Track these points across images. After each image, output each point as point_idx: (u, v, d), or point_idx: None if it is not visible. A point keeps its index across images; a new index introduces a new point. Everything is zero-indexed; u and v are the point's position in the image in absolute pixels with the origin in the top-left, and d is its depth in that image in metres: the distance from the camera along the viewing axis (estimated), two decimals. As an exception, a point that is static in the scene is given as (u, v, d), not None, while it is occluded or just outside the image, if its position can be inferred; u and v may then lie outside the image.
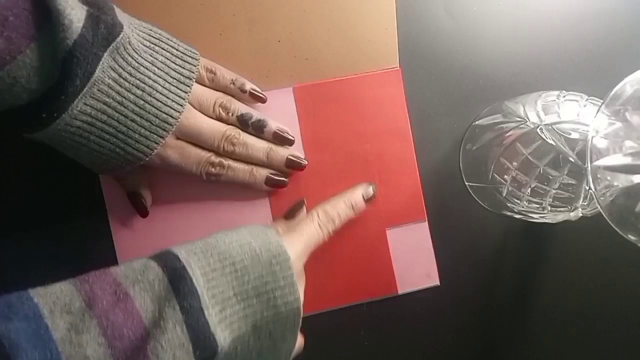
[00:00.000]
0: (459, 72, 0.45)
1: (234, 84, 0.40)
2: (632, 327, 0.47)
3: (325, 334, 0.44)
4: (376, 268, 0.44)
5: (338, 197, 0.40)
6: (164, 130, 0.35)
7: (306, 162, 0.42)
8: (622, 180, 0.29)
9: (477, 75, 0.46)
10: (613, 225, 0.29)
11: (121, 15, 0.34)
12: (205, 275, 0.30)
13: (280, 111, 0.43)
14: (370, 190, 0.41)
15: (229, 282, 0.30)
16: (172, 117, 0.35)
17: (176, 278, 0.29)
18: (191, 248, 0.31)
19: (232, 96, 0.40)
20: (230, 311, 0.30)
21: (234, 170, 0.39)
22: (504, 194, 0.41)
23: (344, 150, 0.44)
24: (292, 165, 0.41)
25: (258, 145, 0.40)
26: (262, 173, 0.41)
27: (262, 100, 0.41)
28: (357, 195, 0.40)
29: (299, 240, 0.35)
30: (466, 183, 0.45)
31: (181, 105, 0.36)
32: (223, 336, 0.29)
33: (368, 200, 0.41)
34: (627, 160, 0.29)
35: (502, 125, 0.41)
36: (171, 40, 0.37)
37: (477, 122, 0.45)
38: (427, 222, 0.45)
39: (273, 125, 0.41)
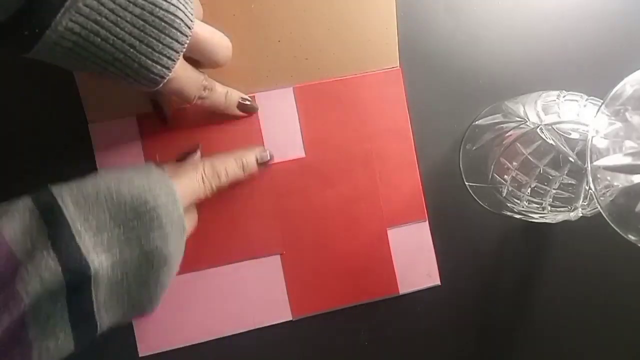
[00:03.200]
0: (459, 72, 0.45)
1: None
2: (632, 327, 0.47)
3: (326, 334, 0.44)
4: (377, 268, 0.44)
5: (229, 153, 0.39)
6: (170, 58, 0.32)
7: (257, 107, 0.42)
8: (622, 180, 0.29)
9: (477, 75, 0.46)
10: (613, 225, 0.29)
11: None
12: (76, 203, 0.30)
13: (280, 111, 0.43)
14: (267, 154, 0.41)
15: (104, 208, 0.30)
16: (179, 43, 0.31)
17: (47, 210, 0.29)
18: (67, 184, 0.31)
19: None
20: (108, 235, 0.30)
21: (215, 93, 0.39)
22: (504, 194, 0.41)
23: (344, 150, 0.44)
24: (244, 109, 0.42)
25: (219, 90, 0.40)
26: (235, 97, 0.41)
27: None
28: (251, 156, 0.40)
29: (176, 188, 0.34)
30: (466, 183, 0.45)
31: (189, 28, 0.32)
32: (98, 260, 0.29)
33: (262, 165, 0.41)
34: (627, 160, 0.29)
35: (502, 125, 0.41)
36: None
37: (477, 122, 0.45)
38: (427, 221, 0.45)
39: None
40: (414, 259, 0.45)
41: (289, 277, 0.43)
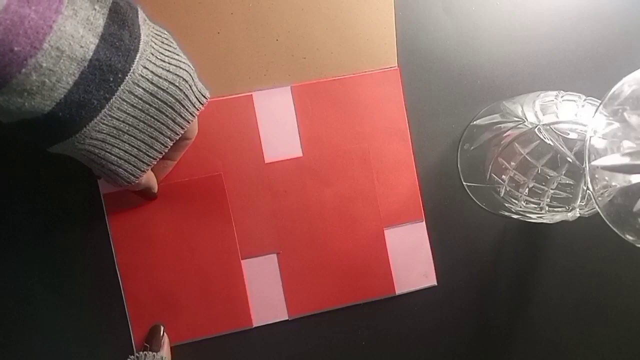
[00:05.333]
0: (457, 72, 0.45)
1: None
2: (630, 327, 0.47)
3: (322, 333, 0.44)
4: (374, 268, 0.44)
5: None
6: (176, 132, 0.34)
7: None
8: (620, 180, 0.29)
9: (475, 75, 0.46)
10: (611, 225, 0.29)
11: (143, 44, 0.31)
12: None
13: (278, 110, 0.43)
14: None
15: None
16: (184, 126, 0.35)
17: None
18: None
19: None
20: None
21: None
22: (502, 194, 0.41)
23: (341, 150, 0.44)
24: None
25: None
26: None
27: None
28: None
29: None
30: (464, 183, 0.45)
31: (189, 120, 0.35)
32: None
33: None
34: (625, 160, 0.29)
35: (500, 125, 0.41)
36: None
37: (475, 122, 0.45)
38: (424, 221, 0.45)
39: None
40: (411, 259, 0.45)
41: (286, 276, 0.43)
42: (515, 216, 0.42)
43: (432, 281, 0.45)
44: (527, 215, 0.41)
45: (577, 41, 0.47)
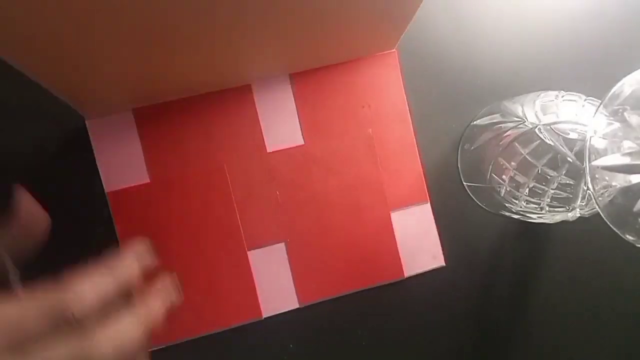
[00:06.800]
0: (458, 72, 0.45)
1: None
2: (629, 327, 0.47)
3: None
4: (382, 252, 0.44)
5: (126, 314, 0.23)
6: None
7: None
8: (620, 180, 0.29)
9: (475, 75, 0.46)
10: (611, 225, 0.29)
11: None
12: None
13: (277, 100, 0.43)
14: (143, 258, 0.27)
15: None
16: None
17: None
18: None
19: None
20: None
21: None
22: (502, 194, 0.41)
23: (343, 136, 0.44)
24: None
25: None
26: None
27: None
28: (154, 301, 0.26)
29: None
30: (464, 183, 0.45)
31: None
32: None
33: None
34: (626, 160, 0.29)
35: (500, 125, 0.41)
36: None
37: (475, 122, 0.45)
38: (429, 203, 0.45)
39: None
40: (418, 241, 0.44)
41: (295, 265, 0.43)
42: (515, 216, 0.42)
43: (440, 262, 0.45)
44: (528, 215, 0.41)
45: (577, 41, 0.47)
